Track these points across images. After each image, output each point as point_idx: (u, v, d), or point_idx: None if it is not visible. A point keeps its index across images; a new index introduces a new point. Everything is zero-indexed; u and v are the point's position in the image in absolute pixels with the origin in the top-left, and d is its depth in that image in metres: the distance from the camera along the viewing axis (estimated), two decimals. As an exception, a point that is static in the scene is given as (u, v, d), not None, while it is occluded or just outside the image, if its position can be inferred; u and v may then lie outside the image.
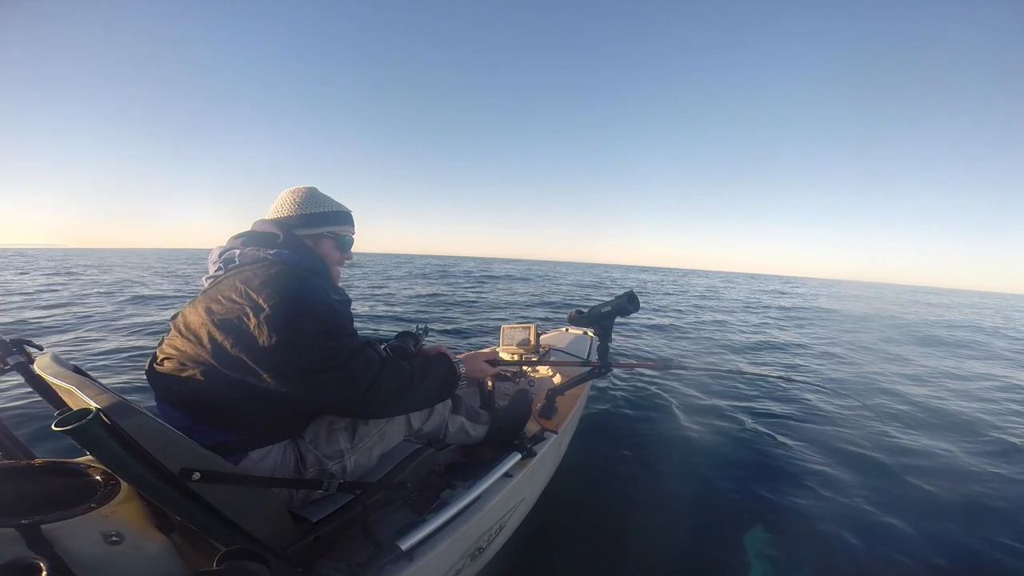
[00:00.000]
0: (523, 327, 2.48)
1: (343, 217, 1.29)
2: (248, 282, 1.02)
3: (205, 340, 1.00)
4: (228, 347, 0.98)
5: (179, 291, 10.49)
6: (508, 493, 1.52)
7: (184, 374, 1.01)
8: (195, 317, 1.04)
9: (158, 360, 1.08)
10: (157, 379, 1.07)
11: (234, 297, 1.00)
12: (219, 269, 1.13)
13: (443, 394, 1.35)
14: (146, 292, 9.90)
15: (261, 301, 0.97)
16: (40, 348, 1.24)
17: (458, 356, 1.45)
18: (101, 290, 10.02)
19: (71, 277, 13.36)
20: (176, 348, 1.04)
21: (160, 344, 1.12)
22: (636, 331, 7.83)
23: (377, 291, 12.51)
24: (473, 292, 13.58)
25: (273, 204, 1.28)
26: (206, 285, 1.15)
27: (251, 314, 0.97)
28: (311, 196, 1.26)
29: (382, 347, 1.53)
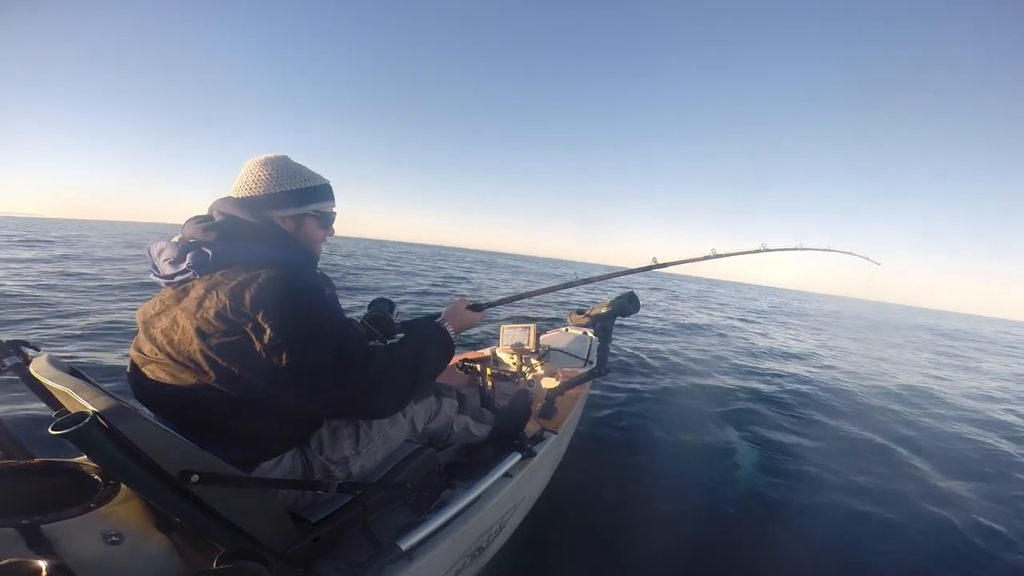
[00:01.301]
0: (523, 327, 2.48)
1: (326, 191, 1.15)
2: (236, 296, 0.90)
3: (206, 367, 0.91)
4: (236, 372, 0.91)
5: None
6: (508, 493, 1.52)
7: (184, 398, 0.95)
8: (183, 337, 0.93)
9: (146, 378, 0.99)
10: (150, 401, 1.02)
11: (228, 316, 0.89)
12: (187, 272, 0.96)
13: (444, 364, 1.28)
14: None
15: (260, 320, 0.89)
16: (37, 349, 1.23)
17: (440, 316, 1.39)
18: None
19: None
20: (170, 373, 0.96)
21: (140, 358, 1.01)
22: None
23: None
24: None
25: (239, 178, 1.08)
26: (167, 288, 1.01)
27: (254, 338, 0.89)
28: (288, 169, 1.09)
29: (359, 322, 1.49)
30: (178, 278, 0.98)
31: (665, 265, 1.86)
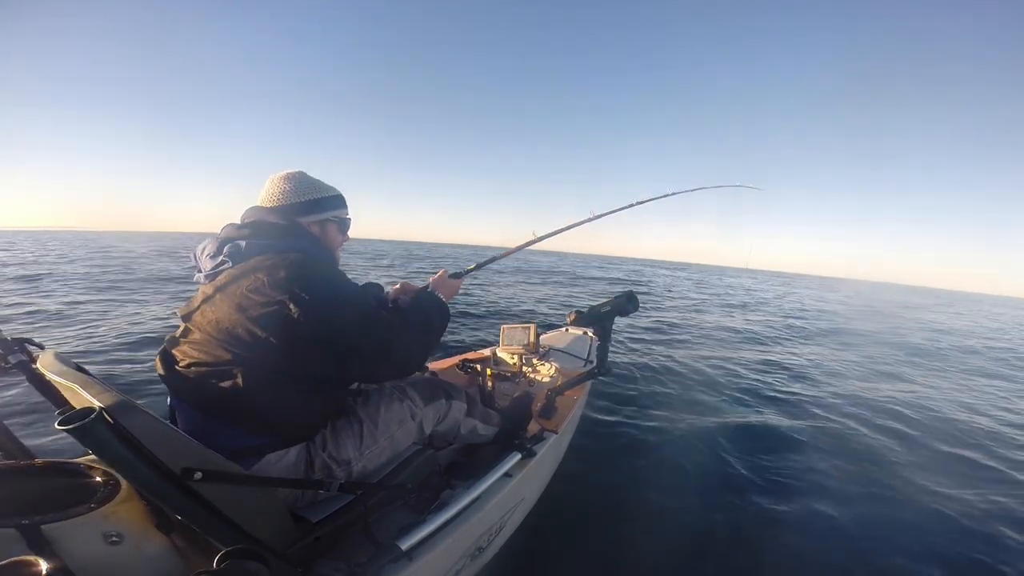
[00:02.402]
0: (523, 327, 2.48)
1: (341, 200, 1.30)
2: (272, 273, 1.00)
3: (247, 338, 0.99)
4: (273, 341, 0.98)
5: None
6: (508, 493, 1.53)
7: (213, 375, 1.00)
8: (223, 315, 1.01)
9: (179, 363, 1.05)
10: (181, 383, 1.05)
11: (266, 291, 0.98)
12: (224, 262, 1.08)
13: (445, 325, 1.40)
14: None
15: (297, 291, 0.98)
16: (42, 347, 1.24)
17: (429, 287, 1.51)
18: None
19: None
20: (205, 351, 1.02)
21: (174, 344, 1.10)
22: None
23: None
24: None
25: (264, 192, 1.23)
26: (205, 281, 1.11)
27: (292, 306, 0.97)
28: (309, 182, 1.24)
29: None
30: (217, 269, 1.09)
31: (601, 216, 2.29)
